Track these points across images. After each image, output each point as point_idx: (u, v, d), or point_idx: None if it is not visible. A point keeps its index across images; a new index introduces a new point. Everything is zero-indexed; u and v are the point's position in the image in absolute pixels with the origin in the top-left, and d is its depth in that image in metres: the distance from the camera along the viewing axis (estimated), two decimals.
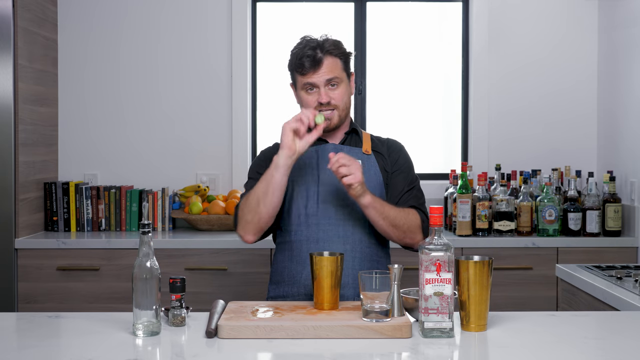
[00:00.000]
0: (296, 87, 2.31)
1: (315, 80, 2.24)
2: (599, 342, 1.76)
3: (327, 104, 2.24)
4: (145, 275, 1.75)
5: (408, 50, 4.13)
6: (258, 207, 2.17)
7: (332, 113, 2.26)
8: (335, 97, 2.25)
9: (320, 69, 2.23)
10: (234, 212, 2.28)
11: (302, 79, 2.26)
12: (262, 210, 2.17)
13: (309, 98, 2.26)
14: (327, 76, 2.24)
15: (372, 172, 2.29)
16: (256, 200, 2.17)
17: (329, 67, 2.24)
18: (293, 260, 2.27)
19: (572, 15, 3.97)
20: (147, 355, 1.64)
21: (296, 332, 1.72)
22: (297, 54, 2.26)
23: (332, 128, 2.29)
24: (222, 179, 3.96)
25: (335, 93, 2.25)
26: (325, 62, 2.24)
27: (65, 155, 3.94)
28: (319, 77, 2.23)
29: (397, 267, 1.84)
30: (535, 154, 3.95)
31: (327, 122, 2.23)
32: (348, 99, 2.31)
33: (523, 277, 3.45)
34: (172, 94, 3.97)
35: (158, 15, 3.96)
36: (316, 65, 2.23)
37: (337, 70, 2.26)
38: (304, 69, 2.23)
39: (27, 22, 3.51)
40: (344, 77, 2.28)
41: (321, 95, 2.24)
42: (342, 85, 2.27)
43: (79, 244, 3.45)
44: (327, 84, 2.24)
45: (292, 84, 2.34)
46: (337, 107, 2.26)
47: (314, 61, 2.22)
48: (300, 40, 2.30)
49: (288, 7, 4.12)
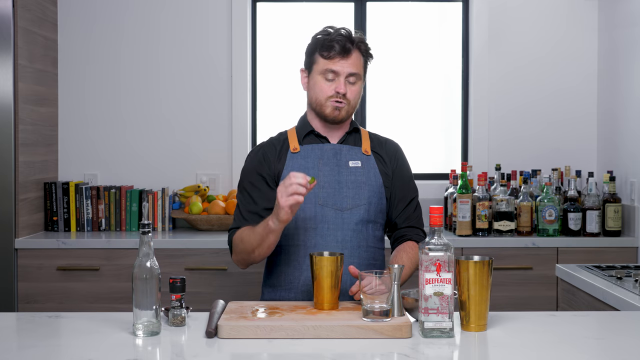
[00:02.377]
0: (311, 70, 2.26)
1: (339, 69, 2.20)
2: (599, 342, 1.76)
3: (343, 95, 2.22)
4: (145, 275, 1.75)
5: (408, 50, 4.13)
6: (253, 253, 2.17)
7: (343, 105, 2.23)
8: (351, 93, 2.23)
9: (349, 59, 2.21)
10: (229, 241, 2.26)
11: (325, 63, 2.21)
12: (256, 255, 2.17)
13: (325, 85, 2.22)
14: (352, 69, 2.22)
15: (371, 174, 2.27)
16: (251, 248, 2.15)
17: (355, 61, 2.22)
18: (290, 265, 2.24)
19: (572, 15, 3.97)
20: (147, 355, 1.64)
21: (296, 332, 1.72)
22: (326, 38, 2.22)
23: (339, 121, 2.26)
24: (222, 179, 3.96)
25: (353, 89, 2.24)
26: (353, 54, 2.22)
27: (65, 155, 3.94)
28: (345, 66, 2.21)
29: (397, 267, 1.84)
30: (535, 154, 3.95)
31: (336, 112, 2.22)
32: (359, 98, 2.29)
33: (523, 277, 3.45)
34: (172, 94, 3.97)
35: (158, 15, 3.96)
36: (345, 53, 2.20)
37: (360, 67, 2.24)
38: (333, 52, 2.19)
39: (27, 22, 3.51)
40: (362, 76, 2.27)
41: (340, 85, 2.21)
42: (359, 84, 2.26)
43: (79, 244, 3.45)
44: (349, 77, 2.22)
45: (306, 68, 2.29)
46: (349, 102, 2.24)
47: (344, 48, 2.20)
48: (325, 29, 2.26)
49: (288, 7, 4.12)
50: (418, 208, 2.35)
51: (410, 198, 2.33)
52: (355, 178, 2.25)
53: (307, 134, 2.31)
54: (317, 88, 2.24)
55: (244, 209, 2.25)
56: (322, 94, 2.23)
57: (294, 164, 2.25)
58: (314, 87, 2.25)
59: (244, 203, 2.26)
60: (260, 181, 2.26)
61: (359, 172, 2.26)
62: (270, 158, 2.28)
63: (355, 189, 2.24)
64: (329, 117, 2.25)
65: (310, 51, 2.27)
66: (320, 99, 2.24)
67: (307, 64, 2.29)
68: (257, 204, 2.24)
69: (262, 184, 2.25)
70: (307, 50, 2.28)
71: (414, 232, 2.30)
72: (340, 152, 2.28)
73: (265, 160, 2.28)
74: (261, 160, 2.28)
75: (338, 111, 2.23)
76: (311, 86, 2.27)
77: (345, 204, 2.23)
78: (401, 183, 2.32)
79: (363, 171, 2.26)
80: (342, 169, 2.26)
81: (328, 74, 2.22)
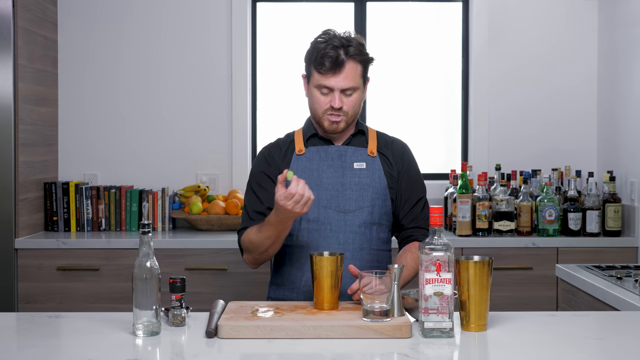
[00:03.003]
0: (309, 81, 2.26)
1: (332, 85, 2.19)
2: (599, 342, 1.76)
3: (339, 109, 2.21)
4: (145, 275, 1.75)
5: (408, 50, 4.13)
6: (267, 251, 2.19)
7: (340, 118, 2.22)
8: (348, 105, 2.21)
9: (340, 74, 2.18)
10: (239, 242, 2.27)
11: (319, 78, 2.20)
12: (270, 252, 2.20)
13: (321, 99, 2.22)
14: (345, 84, 2.19)
15: (376, 176, 2.27)
16: (264, 248, 2.18)
17: (349, 74, 2.18)
18: (293, 265, 2.26)
19: (572, 15, 3.97)
20: (147, 355, 1.64)
21: (296, 332, 1.72)
22: (319, 50, 2.18)
23: (338, 132, 2.26)
24: (222, 179, 3.96)
25: (349, 100, 2.21)
26: (347, 67, 2.18)
27: (65, 155, 3.94)
28: (337, 82, 2.18)
29: (397, 267, 1.84)
30: (535, 154, 3.95)
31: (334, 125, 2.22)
32: (359, 106, 2.27)
33: (523, 277, 3.45)
34: (172, 94, 3.97)
35: (158, 15, 3.96)
36: (337, 68, 2.17)
37: (356, 78, 2.20)
38: (324, 68, 2.18)
39: (27, 22, 3.51)
40: (360, 85, 2.23)
41: (335, 100, 2.19)
42: (357, 93, 2.23)
43: (79, 244, 3.45)
44: (344, 91, 2.20)
45: (306, 75, 2.28)
46: (346, 113, 2.22)
47: (335, 63, 2.16)
48: (323, 34, 2.23)
49: (288, 7, 4.11)
50: (426, 208, 2.32)
51: (417, 198, 2.32)
52: (360, 180, 2.25)
53: (312, 136, 2.32)
54: (314, 100, 2.24)
55: (250, 209, 2.28)
56: (319, 107, 2.23)
57: (298, 166, 2.27)
58: (311, 98, 2.26)
59: (250, 203, 2.29)
60: (266, 181, 2.28)
61: (363, 174, 2.26)
62: (275, 158, 2.31)
63: (359, 191, 2.24)
64: (327, 130, 2.25)
65: (307, 61, 2.26)
66: (317, 112, 2.24)
67: (305, 72, 2.29)
68: (263, 204, 2.26)
69: (269, 184, 2.27)
70: (305, 58, 2.27)
71: (421, 233, 2.30)
72: (345, 154, 2.28)
73: (271, 161, 2.31)
74: (268, 161, 2.31)
75: (336, 124, 2.23)
76: (309, 96, 2.27)
77: (348, 206, 2.23)
78: (408, 183, 2.31)
79: (367, 173, 2.26)
80: (347, 171, 2.26)
81: (322, 89, 2.21)
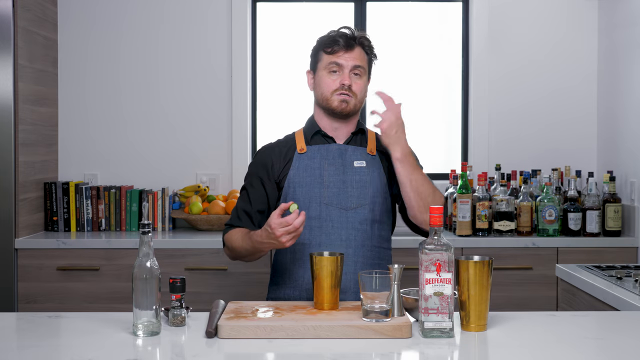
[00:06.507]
0: (316, 68, 2.31)
1: (343, 61, 2.25)
2: (599, 342, 1.76)
3: (348, 87, 2.25)
4: (145, 275, 1.75)
5: (408, 50, 4.13)
6: (244, 258, 2.28)
7: (350, 98, 2.26)
8: (356, 86, 2.27)
9: (352, 52, 2.26)
10: (223, 237, 2.33)
11: (329, 57, 2.26)
12: (247, 260, 2.29)
13: (329, 80, 2.26)
14: (356, 62, 2.26)
15: (375, 174, 2.29)
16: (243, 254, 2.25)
17: (359, 55, 2.27)
18: (295, 263, 2.27)
19: (572, 15, 3.97)
20: (147, 355, 1.64)
21: (296, 332, 1.72)
22: (330, 36, 2.28)
23: (346, 113, 2.28)
24: (222, 179, 3.96)
25: (358, 82, 2.27)
26: (357, 49, 2.27)
27: (65, 155, 3.94)
28: (348, 59, 2.25)
29: (397, 267, 1.84)
30: (535, 154, 3.95)
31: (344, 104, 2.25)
32: (365, 94, 2.32)
33: (523, 277, 3.45)
34: (172, 94, 3.97)
35: (158, 15, 3.96)
36: (348, 47, 2.25)
37: (364, 61, 2.29)
38: (336, 46, 2.25)
39: (27, 22, 3.51)
40: (366, 72, 2.31)
41: (345, 77, 2.25)
42: (364, 79, 2.30)
43: (79, 244, 3.45)
44: (353, 69, 2.26)
45: (311, 69, 2.35)
46: (355, 95, 2.27)
47: (347, 42, 2.25)
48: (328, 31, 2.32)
49: (288, 7, 4.12)
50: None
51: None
52: (360, 178, 2.27)
53: (314, 135, 2.34)
54: (323, 83, 2.28)
55: (240, 207, 2.33)
56: (327, 89, 2.27)
57: (300, 164, 2.29)
58: (319, 83, 2.29)
59: (240, 201, 2.34)
60: (258, 182, 2.32)
61: (363, 172, 2.28)
62: (273, 160, 2.33)
63: (360, 188, 2.26)
64: (336, 109, 2.27)
65: (315, 51, 2.33)
66: (326, 94, 2.27)
67: (312, 65, 2.35)
68: (252, 204, 2.31)
69: (259, 185, 2.32)
70: (312, 52, 2.35)
71: None
72: (345, 153, 2.30)
73: (267, 162, 2.33)
74: (264, 162, 2.34)
75: (345, 103, 2.26)
76: (317, 84, 2.31)
77: (349, 203, 2.25)
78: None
79: (367, 171, 2.28)
80: (347, 169, 2.28)
81: (332, 67, 2.26)
